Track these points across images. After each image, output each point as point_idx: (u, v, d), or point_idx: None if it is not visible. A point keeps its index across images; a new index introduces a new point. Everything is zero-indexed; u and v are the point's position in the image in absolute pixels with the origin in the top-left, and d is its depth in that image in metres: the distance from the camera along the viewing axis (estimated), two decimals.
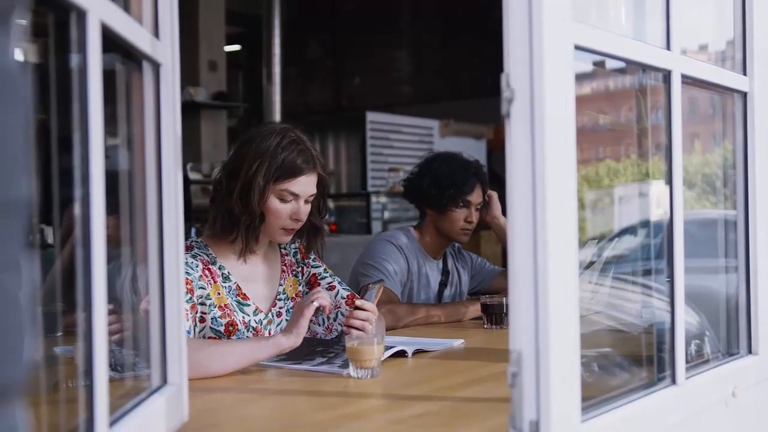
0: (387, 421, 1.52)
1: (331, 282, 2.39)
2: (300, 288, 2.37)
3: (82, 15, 0.98)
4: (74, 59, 1.01)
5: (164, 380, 1.37)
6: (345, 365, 1.90)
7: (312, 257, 2.43)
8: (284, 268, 2.37)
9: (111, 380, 1.07)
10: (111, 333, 1.49)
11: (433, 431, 1.47)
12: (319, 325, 2.34)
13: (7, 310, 0.54)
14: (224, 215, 2.19)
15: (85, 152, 1.00)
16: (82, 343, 1.02)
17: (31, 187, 0.58)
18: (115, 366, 1.34)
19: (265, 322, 2.25)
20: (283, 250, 2.39)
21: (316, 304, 1.96)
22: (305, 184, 2.21)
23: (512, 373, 1.18)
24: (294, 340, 1.93)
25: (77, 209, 1.01)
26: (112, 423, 1.09)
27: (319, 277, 2.40)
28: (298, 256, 2.41)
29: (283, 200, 2.19)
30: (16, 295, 0.55)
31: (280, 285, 2.33)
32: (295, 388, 1.78)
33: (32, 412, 0.61)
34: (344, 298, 2.34)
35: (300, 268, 2.40)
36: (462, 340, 2.35)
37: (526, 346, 1.17)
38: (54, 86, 1.06)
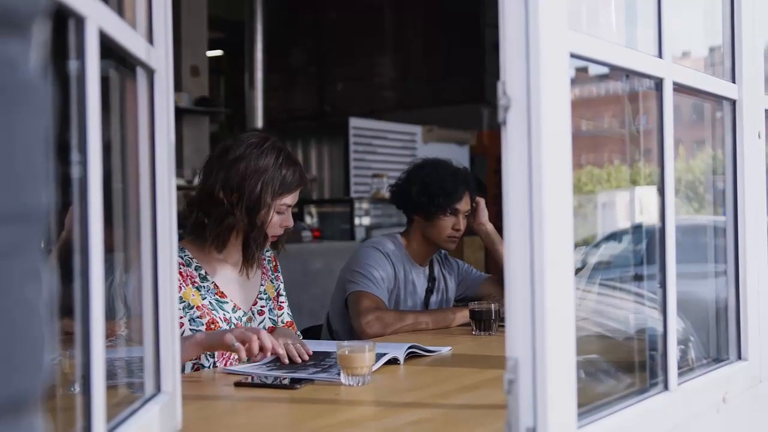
0: (381, 429, 1.52)
1: (283, 302, 2.47)
2: (275, 292, 2.46)
3: (80, 21, 0.98)
4: (71, 65, 1.01)
5: (158, 389, 1.36)
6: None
7: (274, 273, 2.50)
8: (264, 270, 2.44)
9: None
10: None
11: None
12: None
13: (29, 320, 0.54)
14: (226, 230, 2.24)
15: (84, 159, 0.99)
16: (79, 352, 1.01)
17: (50, 197, 0.57)
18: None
19: (245, 319, 2.31)
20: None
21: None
22: (297, 195, 2.32)
23: (509, 380, 1.18)
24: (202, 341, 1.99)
25: (75, 216, 1.00)
26: None
27: (279, 294, 2.49)
28: (272, 265, 2.49)
29: (279, 213, 2.28)
30: (37, 305, 0.55)
31: (261, 285, 2.41)
32: (288, 396, 1.77)
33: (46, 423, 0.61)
34: (284, 323, 2.41)
35: (275, 275, 2.49)
36: (450, 348, 2.35)
37: (523, 353, 1.17)
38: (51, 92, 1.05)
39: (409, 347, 2.17)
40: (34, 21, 0.56)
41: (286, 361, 2.04)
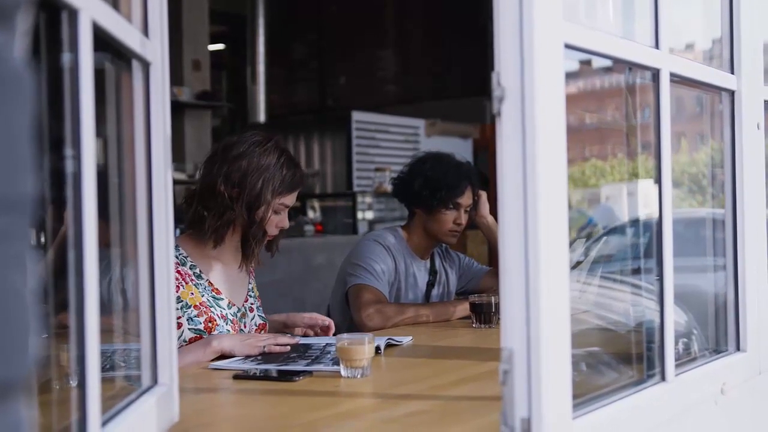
0: (379, 420, 1.52)
1: (253, 304, 2.46)
2: (257, 291, 2.50)
3: (73, 14, 0.98)
4: (65, 58, 1.01)
5: (155, 380, 1.36)
6: (336, 362, 1.90)
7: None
8: (251, 269, 2.47)
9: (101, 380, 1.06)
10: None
11: (425, 429, 1.47)
12: None
13: (15, 308, 0.54)
14: (225, 225, 2.25)
15: (77, 152, 0.99)
16: (73, 345, 1.02)
17: (35, 186, 0.58)
18: (103, 366, 1.34)
19: (239, 315, 2.34)
20: None
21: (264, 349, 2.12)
22: (295, 197, 2.35)
23: (504, 371, 1.18)
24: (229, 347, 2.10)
25: (69, 210, 1.00)
26: (104, 423, 1.09)
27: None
28: (252, 265, 2.50)
29: (276, 212, 2.30)
30: (23, 293, 0.55)
31: (250, 283, 2.45)
32: (286, 389, 1.77)
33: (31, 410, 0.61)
34: (256, 326, 2.42)
35: (253, 276, 2.52)
36: (410, 337, 2.37)
37: (518, 344, 1.17)
38: (43, 85, 1.05)
39: (387, 343, 2.23)
40: (18, 12, 0.56)
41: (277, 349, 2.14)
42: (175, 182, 6.43)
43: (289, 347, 2.14)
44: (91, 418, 1.01)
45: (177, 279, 2.20)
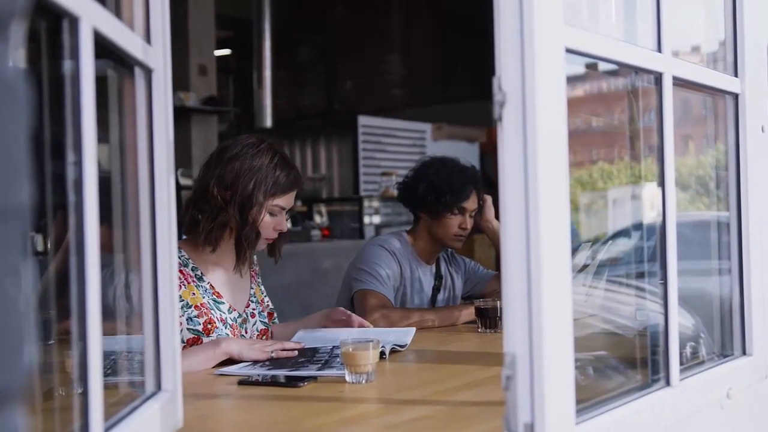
0: (384, 426, 1.52)
1: (255, 310, 2.45)
2: (263, 296, 2.50)
3: (74, 21, 0.98)
4: (66, 65, 1.01)
5: (158, 387, 1.36)
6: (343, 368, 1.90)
7: (258, 277, 2.52)
8: (252, 274, 2.48)
9: (104, 386, 1.06)
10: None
11: None
12: None
13: (8, 316, 0.55)
14: (219, 227, 2.26)
15: (79, 159, 1.00)
16: (75, 351, 1.02)
17: (30, 194, 0.58)
18: (106, 372, 1.34)
19: (239, 320, 2.35)
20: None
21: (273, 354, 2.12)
22: (292, 198, 2.34)
23: (506, 376, 1.18)
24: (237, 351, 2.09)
25: (71, 216, 1.00)
26: (107, 429, 1.09)
27: (263, 301, 2.51)
28: (257, 269, 2.51)
29: (272, 214, 2.30)
30: (17, 301, 0.55)
31: (251, 288, 2.44)
32: (291, 394, 1.77)
33: (27, 418, 0.61)
34: (258, 332, 2.42)
35: (260, 279, 2.52)
36: (413, 329, 2.38)
37: (521, 349, 1.17)
38: (45, 92, 1.06)
39: (392, 349, 2.22)
40: (12, 21, 0.56)
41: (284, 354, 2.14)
42: (183, 188, 6.44)
43: (296, 352, 2.14)
44: (94, 425, 1.01)
45: (179, 279, 2.20)
